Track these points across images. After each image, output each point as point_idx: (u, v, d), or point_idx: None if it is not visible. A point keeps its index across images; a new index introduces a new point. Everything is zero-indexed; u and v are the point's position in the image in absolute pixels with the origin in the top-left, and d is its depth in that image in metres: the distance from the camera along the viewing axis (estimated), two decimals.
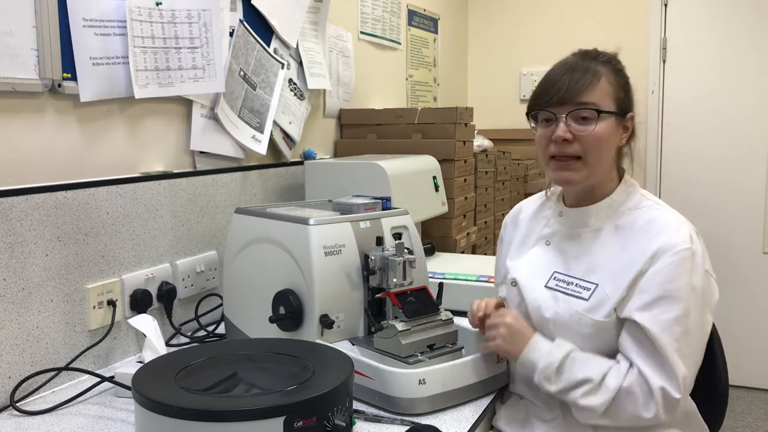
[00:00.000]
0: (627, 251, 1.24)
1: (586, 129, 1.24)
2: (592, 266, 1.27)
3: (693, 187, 3.67)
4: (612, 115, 1.26)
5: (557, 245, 1.35)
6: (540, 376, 1.23)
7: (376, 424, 1.21)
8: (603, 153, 1.27)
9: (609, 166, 1.31)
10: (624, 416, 1.19)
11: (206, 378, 1.14)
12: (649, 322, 1.17)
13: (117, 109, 1.59)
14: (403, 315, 1.34)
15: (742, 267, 3.62)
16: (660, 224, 1.24)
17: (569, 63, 1.29)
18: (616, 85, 1.29)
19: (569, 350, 1.23)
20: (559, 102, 1.25)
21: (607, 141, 1.27)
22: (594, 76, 1.26)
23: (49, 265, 1.40)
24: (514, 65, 3.99)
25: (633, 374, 1.18)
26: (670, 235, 1.22)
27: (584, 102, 1.24)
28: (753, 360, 3.61)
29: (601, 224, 1.30)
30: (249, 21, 1.99)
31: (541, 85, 1.30)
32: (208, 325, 1.77)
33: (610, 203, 1.31)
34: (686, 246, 1.20)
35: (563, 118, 1.25)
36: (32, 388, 1.35)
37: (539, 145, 1.31)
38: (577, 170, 1.27)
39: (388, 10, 3.02)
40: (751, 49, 3.51)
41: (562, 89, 1.24)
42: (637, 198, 1.33)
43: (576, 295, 1.26)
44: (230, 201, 1.93)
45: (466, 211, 2.58)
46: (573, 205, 1.36)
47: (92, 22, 1.47)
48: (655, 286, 1.18)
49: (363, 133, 2.56)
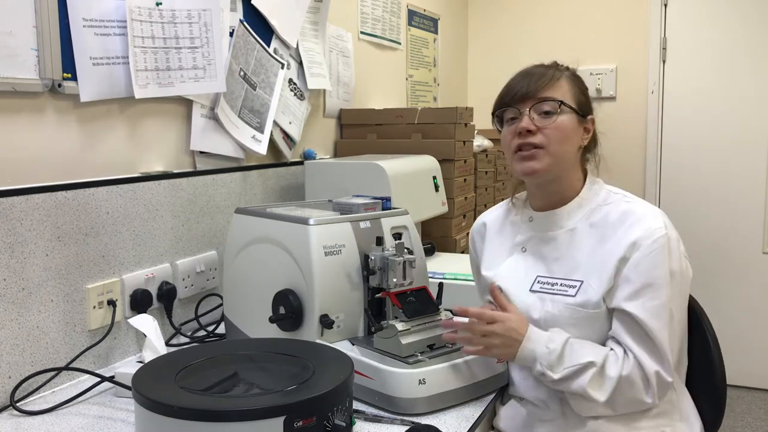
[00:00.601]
0: (605, 244, 1.28)
1: (549, 120, 1.31)
2: (574, 265, 1.31)
3: (693, 187, 3.67)
4: (573, 112, 1.33)
5: (534, 250, 1.38)
6: (542, 365, 1.23)
7: (376, 424, 1.21)
8: (564, 145, 1.32)
9: (572, 164, 1.36)
10: (624, 403, 1.23)
11: (206, 378, 1.14)
12: (638, 309, 1.22)
13: (117, 109, 1.59)
14: (403, 315, 1.34)
15: (742, 267, 3.62)
16: (635, 215, 1.29)
17: (529, 68, 1.38)
18: (575, 87, 1.36)
19: (567, 337, 1.25)
20: (522, 98, 1.32)
21: (569, 134, 1.32)
22: (554, 76, 1.34)
23: (49, 265, 1.40)
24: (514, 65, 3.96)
25: (630, 362, 1.22)
26: (647, 225, 1.26)
27: (546, 96, 1.31)
28: (752, 360, 3.61)
29: (574, 224, 1.34)
30: (249, 21, 1.99)
31: (504, 88, 1.38)
32: (208, 325, 1.77)
33: (579, 202, 1.36)
34: (662, 233, 1.25)
35: (527, 112, 1.31)
36: (32, 388, 1.35)
37: (505, 141, 1.37)
38: (540, 159, 1.31)
39: (388, 10, 3.02)
40: (751, 49, 3.51)
41: (524, 87, 1.32)
42: (604, 194, 1.37)
43: (562, 294, 1.30)
44: (230, 201, 1.93)
45: (466, 211, 2.58)
46: (542, 209, 1.39)
47: (92, 22, 1.47)
48: (639, 274, 1.23)
49: (363, 133, 2.56)
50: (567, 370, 1.22)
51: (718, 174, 3.63)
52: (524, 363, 1.27)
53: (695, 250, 3.59)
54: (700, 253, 3.59)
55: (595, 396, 1.21)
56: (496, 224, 1.50)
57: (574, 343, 1.25)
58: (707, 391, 1.42)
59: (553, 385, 1.25)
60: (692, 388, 1.40)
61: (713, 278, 3.62)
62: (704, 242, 3.63)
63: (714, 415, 1.42)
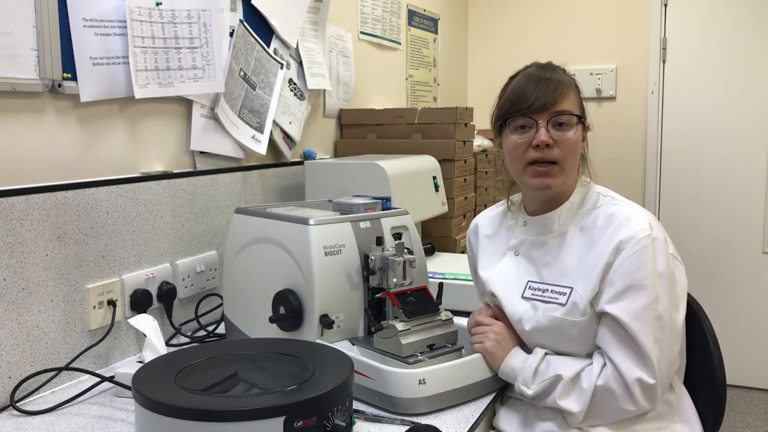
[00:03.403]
0: (593, 249, 1.28)
1: (564, 135, 1.30)
2: (564, 270, 1.31)
3: (693, 187, 3.67)
4: (579, 123, 1.32)
5: (526, 254, 1.39)
6: (519, 382, 1.28)
7: (376, 424, 1.21)
8: (575, 158, 1.33)
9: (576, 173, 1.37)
10: (607, 413, 1.23)
11: (206, 378, 1.14)
12: (620, 311, 1.21)
13: (117, 109, 1.59)
14: (403, 315, 1.34)
15: (742, 267, 3.62)
16: (619, 218, 1.29)
17: (538, 74, 1.33)
18: (578, 95, 1.36)
19: (543, 354, 1.28)
20: (540, 109, 1.29)
21: (579, 147, 1.33)
22: (566, 86, 1.32)
23: (49, 265, 1.40)
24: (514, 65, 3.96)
25: (608, 371, 1.22)
26: (630, 227, 1.26)
27: (564, 110, 1.29)
28: (752, 360, 3.61)
29: (565, 228, 1.35)
30: (249, 21, 1.99)
31: (514, 94, 1.33)
32: (208, 325, 1.77)
33: (569, 206, 1.36)
34: (645, 234, 1.24)
35: (544, 124, 1.29)
36: (32, 388, 1.35)
37: (515, 152, 1.33)
38: (555, 176, 1.31)
39: (388, 10, 3.02)
40: (751, 49, 3.51)
41: (541, 97, 1.29)
42: (594, 197, 1.37)
43: (553, 301, 1.30)
44: (230, 201, 1.93)
45: (466, 211, 2.58)
46: (535, 213, 1.39)
47: (92, 22, 1.47)
48: (622, 276, 1.23)
49: (363, 133, 2.56)
50: (539, 386, 1.25)
51: (718, 174, 3.63)
52: (507, 380, 1.32)
53: (695, 250, 3.60)
54: (700, 253, 3.59)
55: (569, 408, 1.22)
56: (491, 225, 1.50)
57: (551, 359, 1.27)
58: (707, 391, 1.42)
59: (532, 401, 1.28)
60: (692, 389, 1.40)
61: (713, 278, 3.61)
62: (704, 242, 3.63)
63: (714, 416, 1.42)
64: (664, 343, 1.22)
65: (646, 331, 1.20)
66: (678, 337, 1.27)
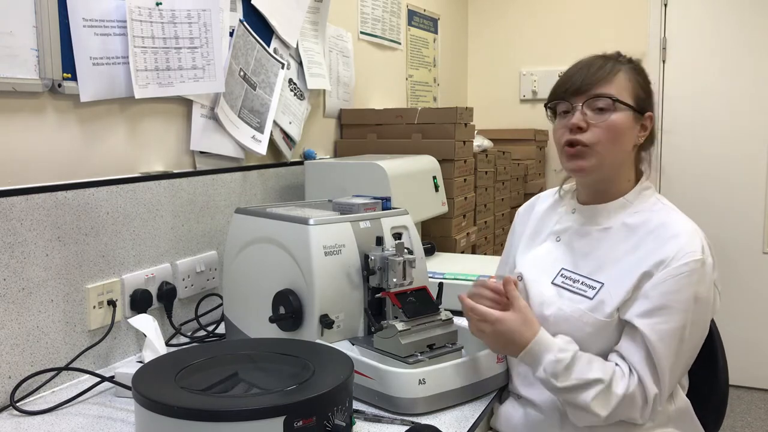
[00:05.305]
0: (635, 252, 1.24)
1: (601, 118, 1.26)
2: (599, 265, 1.28)
3: (693, 187, 3.67)
4: (629, 109, 1.27)
5: (567, 242, 1.36)
6: (545, 371, 1.20)
7: (376, 424, 1.21)
8: (615, 144, 1.27)
9: (624, 163, 1.32)
10: (619, 417, 1.21)
11: (206, 378, 1.14)
12: (647, 329, 1.18)
13: (117, 109, 1.59)
14: (403, 315, 1.34)
15: (742, 267, 3.62)
16: (672, 230, 1.24)
17: (588, 60, 1.33)
18: (635, 82, 1.31)
19: (577, 349, 1.22)
20: (575, 92, 1.28)
21: (621, 133, 1.27)
22: (611, 70, 1.29)
23: (49, 265, 1.40)
24: (514, 65, 3.98)
25: (634, 380, 1.19)
26: (683, 244, 1.21)
27: (600, 93, 1.26)
28: (753, 360, 3.61)
29: (612, 223, 1.31)
30: (249, 21, 1.99)
31: (559, 79, 1.33)
32: (208, 325, 1.77)
33: (623, 203, 1.32)
34: (697, 257, 1.20)
35: (579, 107, 1.27)
36: (32, 388, 1.35)
37: (556, 135, 1.33)
38: (587, 158, 1.27)
39: (388, 10, 3.02)
40: (751, 49, 3.51)
41: (578, 80, 1.28)
42: (651, 201, 1.32)
43: (581, 293, 1.26)
44: (230, 201, 1.93)
45: (466, 211, 2.58)
46: (586, 203, 1.36)
47: (92, 22, 1.47)
48: (659, 294, 1.19)
49: (363, 133, 2.56)
50: (573, 382, 1.19)
51: (718, 174, 3.63)
52: (526, 363, 1.25)
53: None
54: None
55: (597, 411, 1.18)
56: (544, 206, 1.46)
57: (583, 356, 1.22)
58: (710, 395, 1.42)
59: (555, 392, 1.23)
60: (694, 389, 1.39)
61: None
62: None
63: (715, 416, 1.42)
64: (678, 365, 1.21)
65: (668, 355, 1.18)
66: (692, 358, 1.25)
